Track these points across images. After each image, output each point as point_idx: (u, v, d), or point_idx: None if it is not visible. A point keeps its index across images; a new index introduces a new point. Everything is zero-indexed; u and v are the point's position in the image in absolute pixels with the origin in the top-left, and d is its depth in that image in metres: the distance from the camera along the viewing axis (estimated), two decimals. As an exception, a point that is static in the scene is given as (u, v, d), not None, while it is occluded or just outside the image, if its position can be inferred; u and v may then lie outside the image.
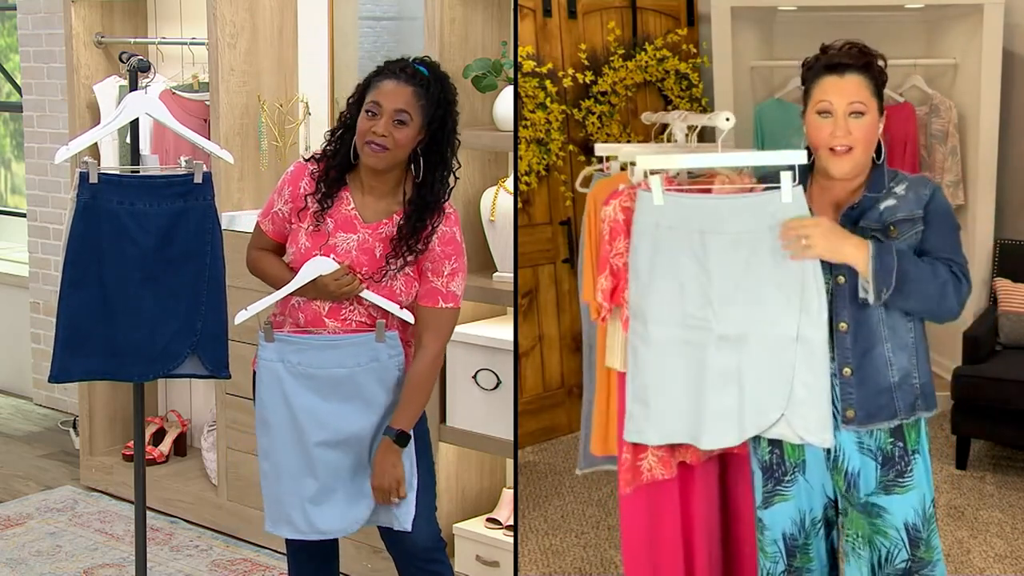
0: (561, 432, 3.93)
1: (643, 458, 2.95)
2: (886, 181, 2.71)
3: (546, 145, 3.74)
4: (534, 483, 3.85)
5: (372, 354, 2.98)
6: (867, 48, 2.71)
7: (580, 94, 3.79)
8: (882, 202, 2.68)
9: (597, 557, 3.61)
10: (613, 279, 2.89)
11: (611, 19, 3.85)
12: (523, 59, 3.66)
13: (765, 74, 3.91)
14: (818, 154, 2.73)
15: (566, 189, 3.82)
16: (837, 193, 2.75)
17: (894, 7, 3.71)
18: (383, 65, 2.99)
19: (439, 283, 3.00)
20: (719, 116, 2.92)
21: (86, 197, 3.27)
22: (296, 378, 2.99)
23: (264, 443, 3.06)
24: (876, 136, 2.70)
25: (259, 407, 3.05)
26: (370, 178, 3.00)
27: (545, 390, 3.89)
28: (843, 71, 2.67)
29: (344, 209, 3.01)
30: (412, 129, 2.92)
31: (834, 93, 2.67)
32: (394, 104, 2.90)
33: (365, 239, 2.99)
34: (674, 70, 3.88)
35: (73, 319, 3.31)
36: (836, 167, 2.68)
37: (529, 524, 3.72)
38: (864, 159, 2.69)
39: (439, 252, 2.99)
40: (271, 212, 3.10)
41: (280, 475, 3.04)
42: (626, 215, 2.85)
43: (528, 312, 3.80)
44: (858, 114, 2.65)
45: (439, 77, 2.98)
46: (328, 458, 3.00)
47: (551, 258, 3.84)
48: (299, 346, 3.00)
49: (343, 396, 2.99)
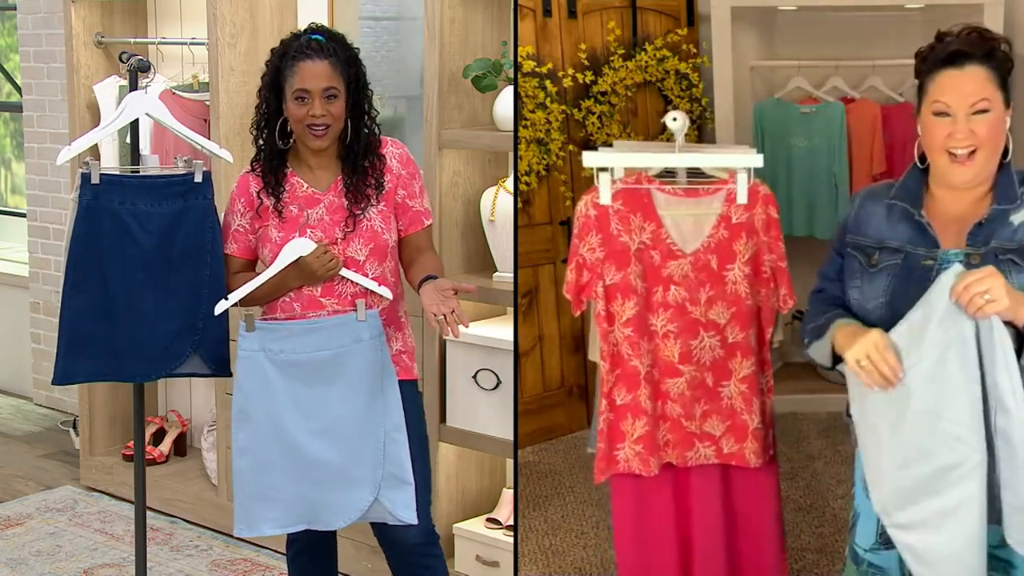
0: (561, 432, 3.93)
1: (620, 448, 3.01)
2: (1018, 188, 2.39)
3: (546, 145, 3.74)
4: (534, 483, 3.85)
5: (354, 334, 3.00)
6: (988, 32, 2.41)
7: (580, 94, 3.79)
8: (1015, 215, 2.36)
9: (597, 557, 3.60)
10: (578, 272, 3.00)
11: (611, 19, 3.85)
12: (523, 59, 3.66)
13: (765, 74, 3.91)
14: (934, 160, 2.42)
15: (566, 189, 3.82)
16: (959, 206, 2.43)
17: (894, 7, 3.70)
18: (288, 48, 3.05)
19: (417, 204, 3.15)
20: (669, 116, 2.98)
21: (88, 197, 3.27)
22: (279, 367, 3.01)
23: (242, 438, 3.05)
24: (1004, 134, 2.40)
25: (239, 400, 3.05)
26: (313, 156, 3.10)
27: (545, 390, 3.88)
28: (963, 62, 2.37)
29: (299, 191, 3.09)
30: (341, 99, 3.04)
31: (952, 90, 2.36)
32: (320, 84, 3.00)
33: (331, 202, 3.08)
34: (674, 70, 3.88)
35: (75, 321, 3.30)
36: (957, 175, 2.37)
37: (529, 524, 3.72)
38: (990, 163, 2.38)
39: (405, 174, 3.13)
40: (230, 234, 3.16)
41: (265, 469, 3.01)
42: (598, 211, 2.97)
43: (528, 312, 3.79)
44: (982, 112, 2.35)
45: (336, 38, 3.09)
46: (315, 449, 2.99)
47: (551, 258, 3.84)
48: (281, 333, 3.02)
49: (327, 379, 3.00)
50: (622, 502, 3.11)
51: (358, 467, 3.00)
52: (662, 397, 3.03)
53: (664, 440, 3.05)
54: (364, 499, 3.01)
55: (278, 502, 3.03)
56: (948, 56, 2.38)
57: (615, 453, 3.03)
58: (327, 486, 3.01)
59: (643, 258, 2.99)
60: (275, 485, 3.02)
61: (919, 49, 2.44)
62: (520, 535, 3.63)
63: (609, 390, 3.03)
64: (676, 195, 3.00)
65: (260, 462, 3.02)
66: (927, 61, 2.42)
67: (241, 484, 3.06)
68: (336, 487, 3.01)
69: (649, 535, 3.10)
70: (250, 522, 3.05)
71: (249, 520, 3.05)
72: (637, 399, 3.01)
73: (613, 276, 2.98)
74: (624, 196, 2.99)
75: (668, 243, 2.99)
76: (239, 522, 3.06)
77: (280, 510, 3.03)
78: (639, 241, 2.99)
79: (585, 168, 3.01)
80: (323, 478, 3.00)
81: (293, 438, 2.99)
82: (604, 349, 3.02)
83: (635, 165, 2.99)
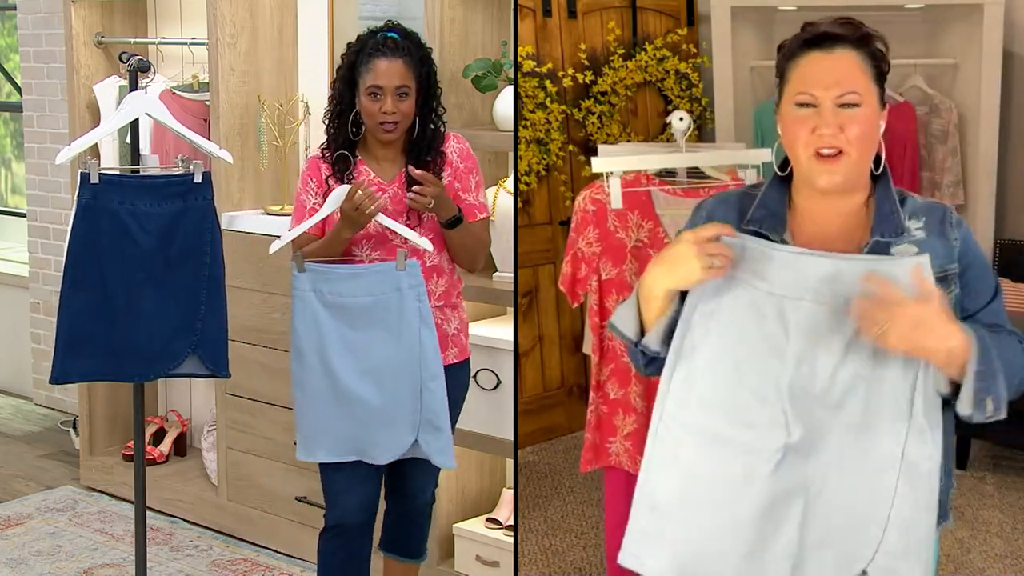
0: (561, 432, 3.93)
1: (611, 442, 3.03)
2: (902, 218, 2.05)
3: (546, 145, 3.73)
4: (534, 483, 3.85)
5: (394, 283, 3.11)
6: (863, 24, 2.06)
7: (580, 94, 3.79)
8: (897, 247, 2.03)
9: (597, 557, 3.60)
10: (574, 265, 3.04)
11: (611, 19, 3.84)
12: (523, 59, 3.66)
13: (765, 74, 3.90)
14: (797, 159, 2.03)
15: (566, 189, 3.81)
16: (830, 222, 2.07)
17: (894, 7, 3.70)
18: (364, 44, 3.17)
19: (471, 198, 3.27)
20: (675, 115, 2.98)
21: (87, 197, 3.27)
22: (328, 308, 3.13)
23: (297, 371, 3.19)
24: (876, 135, 2.04)
25: (294, 336, 3.19)
26: (381, 148, 3.21)
27: (545, 390, 3.88)
28: (831, 45, 2.01)
29: (366, 180, 3.18)
30: (412, 96, 3.15)
31: (818, 77, 1.99)
32: (393, 82, 3.11)
33: (395, 193, 3.18)
34: (674, 70, 3.87)
35: (74, 321, 3.31)
36: (824, 176, 2.00)
37: (529, 524, 3.72)
38: (861, 167, 2.03)
39: (463, 168, 3.26)
40: (306, 212, 3.23)
41: (316, 402, 3.15)
42: (596, 206, 3.00)
43: (528, 312, 3.79)
44: (852, 105, 1.99)
45: (411, 36, 3.20)
46: (359, 389, 3.12)
47: (551, 258, 3.84)
48: (328, 275, 3.13)
49: (369, 324, 3.12)
50: (614, 498, 3.13)
51: (397, 409, 3.12)
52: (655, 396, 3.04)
53: None
54: (406, 438, 3.14)
55: (329, 433, 3.16)
56: (814, 38, 2.02)
57: (607, 446, 3.06)
58: (370, 425, 3.14)
59: (640, 256, 3.00)
60: (327, 417, 3.15)
61: (782, 42, 2.10)
62: (520, 535, 3.63)
63: (601, 383, 3.06)
64: (676, 195, 3.01)
65: (312, 395, 3.17)
66: (790, 46, 2.06)
67: (299, 413, 3.21)
68: (378, 426, 3.14)
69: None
70: (308, 448, 3.20)
71: (307, 446, 3.20)
72: (628, 395, 3.03)
73: (609, 271, 3.00)
74: (624, 195, 3.00)
75: (665, 242, 3.00)
76: (300, 447, 3.22)
77: (332, 441, 3.17)
78: (636, 239, 3.00)
79: (586, 168, 3.02)
80: (365, 417, 3.13)
81: (340, 376, 3.13)
82: (595, 343, 3.05)
83: (644, 167, 2.99)
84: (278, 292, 4.19)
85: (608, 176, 2.97)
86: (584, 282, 3.04)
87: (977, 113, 3.68)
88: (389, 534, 3.47)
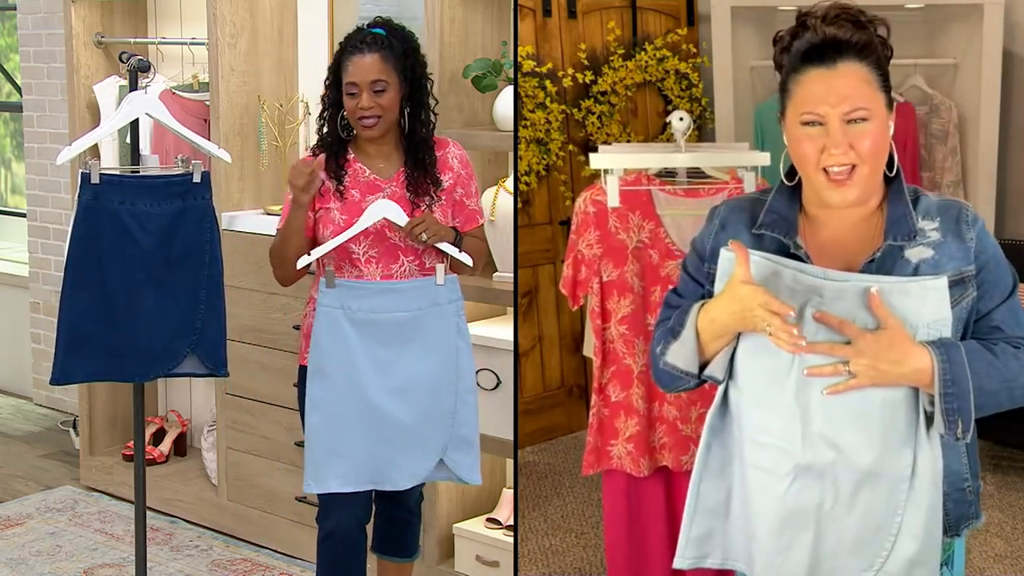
0: (561, 432, 3.93)
1: (613, 445, 3.02)
2: (915, 220, 2.00)
3: (546, 145, 3.73)
4: (534, 483, 3.85)
5: (432, 298, 3.09)
6: (862, 14, 1.99)
7: (580, 94, 3.79)
8: (911, 250, 1.99)
9: (597, 557, 3.60)
10: (575, 268, 3.04)
11: (611, 19, 3.84)
12: (523, 59, 3.66)
13: (765, 74, 3.90)
14: (808, 178, 2.00)
15: (566, 189, 3.82)
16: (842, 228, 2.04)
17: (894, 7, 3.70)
18: (344, 41, 3.16)
19: (472, 203, 3.28)
20: (675, 115, 2.98)
21: (88, 197, 3.27)
22: (355, 325, 3.07)
23: (317, 393, 3.08)
24: (887, 144, 1.99)
25: (315, 356, 3.09)
26: (371, 144, 3.18)
27: (545, 390, 3.88)
28: (833, 59, 1.95)
29: (362, 177, 3.17)
30: (392, 90, 3.11)
31: (823, 96, 1.94)
32: (367, 77, 3.08)
33: (393, 192, 3.16)
34: (674, 70, 3.87)
35: (74, 321, 3.31)
36: (836, 196, 1.96)
37: (529, 524, 3.72)
38: (874, 178, 1.99)
39: (464, 174, 3.26)
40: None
41: (336, 424, 3.06)
42: (596, 208, 2.99)
43: (528, 312, 3.79)
44: (860, 120, 1.95)
45: (396, 31, 3.16)
46: (389, 407, 3.07)
47: (551, 258, 3.84)
48: (360, 292, 3.08)
49: (403, 341, 3.08)
50: (614, 500, 3.12)
51: (427, 428, 3.10)
52: (658, 398, 3.04)
53: (660, 443, 3.06)
54: (431, 460, 3.12)
55: (348, 459, 3.08)
56: (815, 50, 1.96)
57: (608, 449, 3.05)
58: (397, 445, 3.09)
59: (641, 257, 3.00)
60: (346, 441, 3.07)
61: (778, 33, 2.03)
62: (520, 535, 3.63)
63: (603, 386, 3.05)
64: (676, 195, 3.01)
65: (332, 417, 3.08)
66: (789, 52, 2.01)
67: (312, 439, 3.10)
68: (405, 447, 3.09)
69: (640, 534, 3.11)
70: (319, 477, 3.09)
71: (318, 475, 3.09)
72: (630, 398, 3.02)
73: (610, 273, 2.99)
74: (624, 195, 2.99)
75: (667, 243, 2.99)
76: (308, 477, 3.10)
77: (349, 467, 3.09)
78: (637, 240, 3.00)
79: (585, 168, 3.02)
80: (394, 437, 3.09)
81: (368, 395, 3.07)
82: (597, 345, 3.04)
83: (642, 166, 2.99)
84: (278, 292, 4.19)
85: (605, 175, 2.97)
86: (585, 284, 3.03)
87: (977, 113, 3.68)
88: (381, 536, 3.45)
